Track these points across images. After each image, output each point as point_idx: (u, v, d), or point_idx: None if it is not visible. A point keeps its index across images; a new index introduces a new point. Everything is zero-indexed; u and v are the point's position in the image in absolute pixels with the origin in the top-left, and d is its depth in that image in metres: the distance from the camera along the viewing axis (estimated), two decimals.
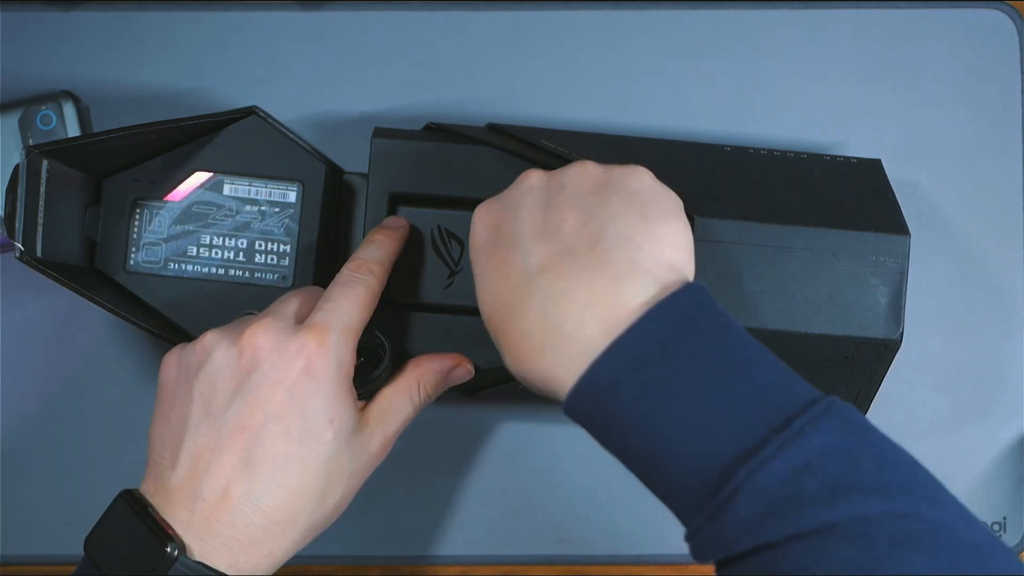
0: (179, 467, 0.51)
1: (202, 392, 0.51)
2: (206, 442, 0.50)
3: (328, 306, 0.53)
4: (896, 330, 0.59)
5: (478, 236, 0.53)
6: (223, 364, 0.51)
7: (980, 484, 0.69)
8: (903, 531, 0.41)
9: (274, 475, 0.50)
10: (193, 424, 0.51)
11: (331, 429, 0.51)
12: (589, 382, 0.46)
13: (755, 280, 0.58)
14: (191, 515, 0.50)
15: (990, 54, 0.70)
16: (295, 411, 0.51)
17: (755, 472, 0.42)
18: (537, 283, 0.48)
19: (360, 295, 0.54)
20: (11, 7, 0.68)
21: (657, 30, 0.70)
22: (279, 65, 0.69)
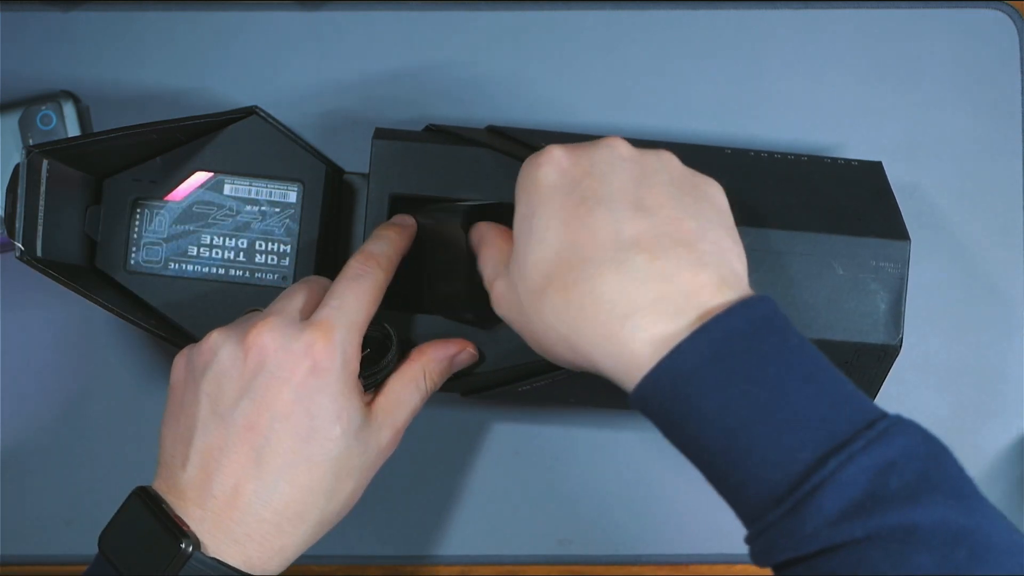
0: (190, 466, 0.51)
1: (209, 392, 0.51)
2: (215, 441, 0.51)
3: (334, 302, 0.53)
4: (896, 335, 0.59)
5: (548, 176, 0.49)
6: (229, 364, 0.51)
7: (980, 484, 0.68)
8: (983, 544, 0.41)
9: (283, 473, 0.51)
10: (202, 424, 0.51)
11: (338, 426, 0.51)
12: (669, 368, 0.44)
13: (754, 285, 0.58)
14: (203, 512, 0.50)
15: (990, 54, 0.70)
16: (302, 410, 0.51)
17: (844, 465, 0.42)
18: (631, 254, 0.46)
19: (366, 290, 0.54)
20: (11, 7, 0.68)
21: (657, 30, 0.69)
22: (279, 65, 0.69)
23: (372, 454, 0.54)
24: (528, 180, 0.50)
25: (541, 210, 0.49)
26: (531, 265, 0.48)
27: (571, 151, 0.50)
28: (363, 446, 0.53)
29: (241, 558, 0.50)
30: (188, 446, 0.51)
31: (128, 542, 0.51)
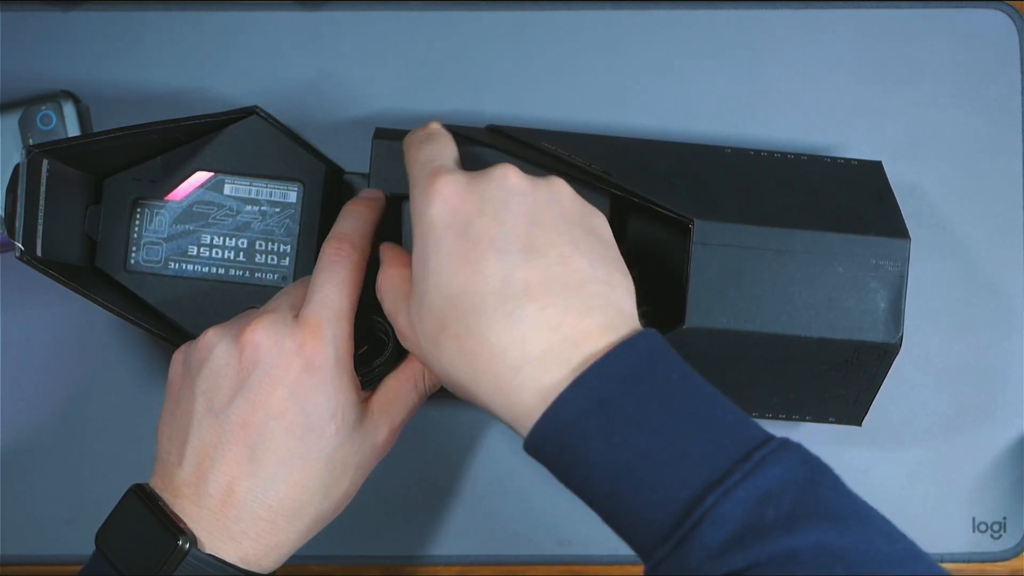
0: (185, 463, 0.51)
1: (204, 390, 0.52)
2: (210, 439, 0.51)
3: (317, 296, 0.53)
4: (896, 334, 0.59)
5: (439, 216, 0.49)
6: (224, 362, 0.51)
7: (980, 484, 0.69)
8: (859, 560, 0.42)
9: (278, 471, 0.51)
10: (196, 421, 0.51)
11: (333, 423, 0.51)
12: (552, 419, 0.45)
13: (755, 284, 0.58)
14: (199, 510, 0.51)
15: (990, 54, 0.70)
16: (296, 408, 0.51)
17: (720, 500, 0.43)
18: (521, 304, 0.46)
19: (345, 277, 0.54)
20: (11, 7, 0.68)
21: (657, 30, 0.69)
22: (279, 65, 0.69)
23: (367, 451, 0.53)
24: (421, 218, 0.49)
25: (434, 253, 0.48)
26: (426, 310, 0.49)
27: (461, 185, 0.49)
28: (358, 443, 0.53)
29: (237, 555, 0.50)
30: (184, 444, 0.51)
31: (125, 539, 0.51)
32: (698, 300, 0.58)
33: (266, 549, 0.51)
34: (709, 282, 0.58)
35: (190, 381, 0.52)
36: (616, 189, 0.59)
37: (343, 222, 0.56)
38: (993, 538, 0.69)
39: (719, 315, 0.58)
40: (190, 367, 0.53)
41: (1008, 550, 0.69)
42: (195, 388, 0.52)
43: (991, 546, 0.69)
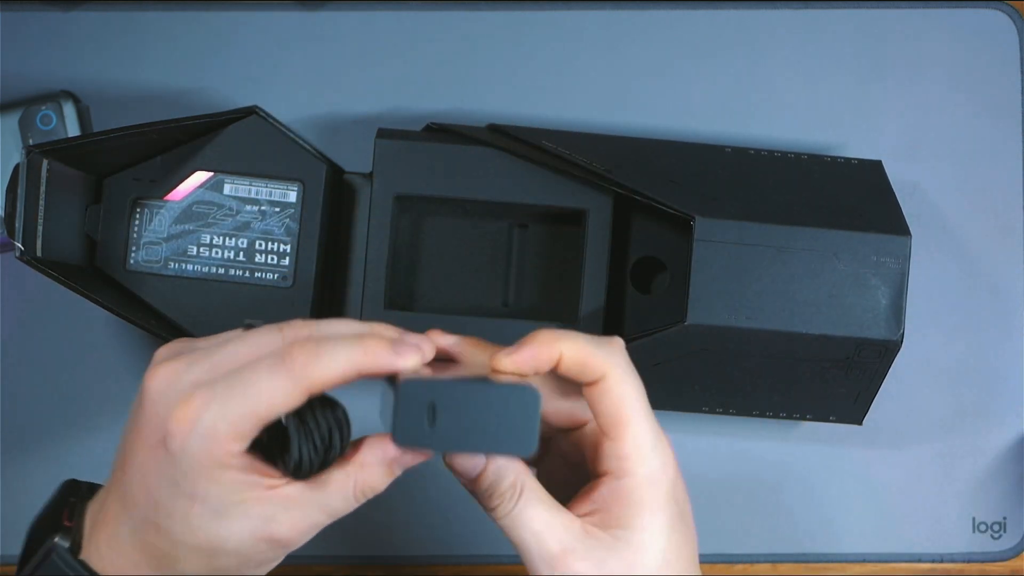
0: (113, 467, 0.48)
1: (134, 404, 0.47)
2: (117, 459, 0.47)
3: (228, 380, 0.44)
4: (897, 331, 0.59)
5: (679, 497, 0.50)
6: (142, 385, 0.47)
7: (980, 484, 0.69)
8: None
9: (137, 527, 0.46)
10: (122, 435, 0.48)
11: (192, 507, 0.44)
12: None
13: (756, 280, 0.58)
14: (91, 521, 0.48)
15: (990, 54, 0.70)
16: (155, 479, 0.45)
17: None
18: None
19: (277, 395, 0.44)
20: (11, 7, 0.68)
21: (657, 30, 0.70)
22: (279, 65, 0.69)
23: (242, 543, 0.45)
24: (673, 489, 0.48)
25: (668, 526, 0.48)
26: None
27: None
28: (227, 531, 0.45)
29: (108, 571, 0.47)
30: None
31: (36, 525, 0.50)
32: (699, 297, 0.58)
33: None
34: (710, 279, 0.58)
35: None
36: (618, 187, 0.60)
37: (328, 359, 0.44)
38: (993, 538, 0.69)
39: (720, 312, 0.58)
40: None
41: (1008, 550, 0.69)
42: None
43: (991, 546, 0.69)
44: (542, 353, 0.47)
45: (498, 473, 0.47)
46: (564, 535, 0.47)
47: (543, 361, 0.47)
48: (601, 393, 0.47)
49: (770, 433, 0.69)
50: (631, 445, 0.47)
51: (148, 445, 0.45)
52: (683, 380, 0.61)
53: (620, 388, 0.47)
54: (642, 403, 0.48)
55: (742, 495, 0.69)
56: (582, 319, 0.62)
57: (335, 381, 0.44)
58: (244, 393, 0.43)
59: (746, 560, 0.69)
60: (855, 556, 0.69)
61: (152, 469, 0.45)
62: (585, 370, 0.47)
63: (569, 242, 0.65)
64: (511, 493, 0.47)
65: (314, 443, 0.45)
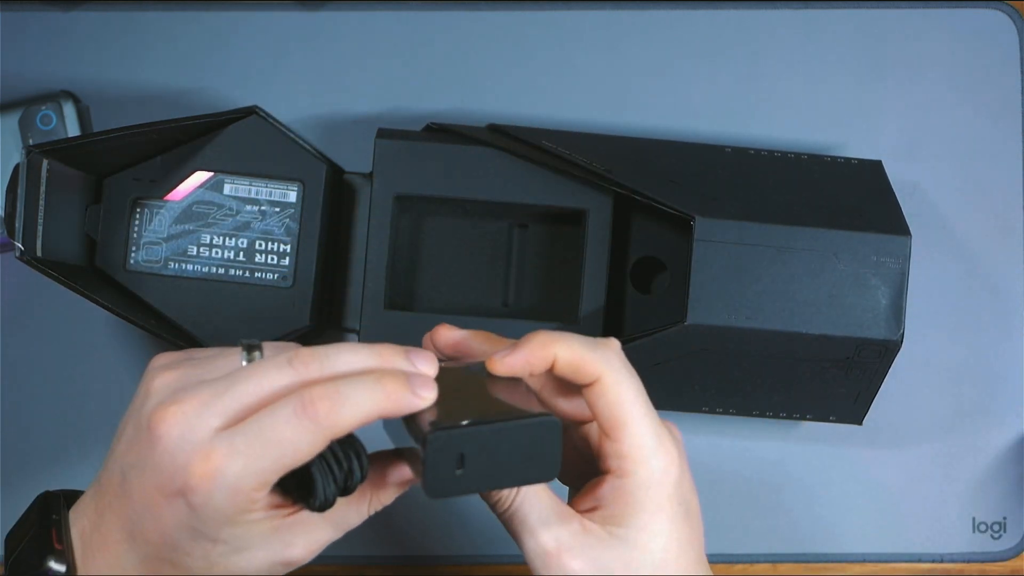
0: (100, 482, 0.47)
1: (125, 430, 0.46)
2: (110, 486, 0.46)
3: (254, 433, 0.43)
4: (897, 331, 0.59)
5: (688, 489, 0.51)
6: (131, 418, 0.46)
7: (980, 484, 0.69)
8: None
9: (147, 564, 0.45)
10: (112, 455, 0.47)
11: (214, 548, 0.44)
12: None
13: (756, 280, 0.58)
14: (83, 542, 0.47)
15: (990, 54, 0.70)
16: (171, 523, 0.44)
17: None
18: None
19: (302, 445, 0.43)
20: (11, 7, 0.68)
21: (657, 30, 0.70)
22: (279, 65, 0.69)
23: (260, 569, 0.46)
24: (678, 486, 0.49)
25: (679, 526, 0.49)
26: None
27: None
28: (246, 563, 0.45)
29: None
30: (103, 468, 0.47)
31: (20, 537, 0.49)
32: (699, 297, 0.58)
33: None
34: (710, 279, 0.58)
35: (132, 404, 0.47)
36: (618, 187, 0.60)
37: (351, 406, 0.43)
38: (993, 538, 0.69)
39: (720, 312, 0.58)
40: (138, 391, 0.47)
41: (1008, 550, 0.69)
42: (125, 418, 0.47)
43: (991, 546, 0.69)
44: (536, 356, 0.47)
45: None
46: (561, 533, 0.47)
47: (537, 364, 0.47)
48: (598, 395, 0.47)
49: (770, 433, 0.69)
50: (630, 446, 0.47)
51: (165, 494, 0.43)
52: (683, 380, 0.61)
53: (616, 389, 0.47)
54: (641, 403, 0.48)
55: (742, 495, 0.69)
56: (582, 319, 0.62)
57: (357, 426, 0.44)
58: (267, 445, 0.42)
59: (746, 560, 0.69)
60: (855, 556, 0.69)
61: (170, 519, 0.44)
62: (580, 372, 0.47)
63: (569, 242, 0.65)
64: (509, 491, 0.47)
65: (335, 479, 0.45)
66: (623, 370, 0.48)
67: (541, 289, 0.66)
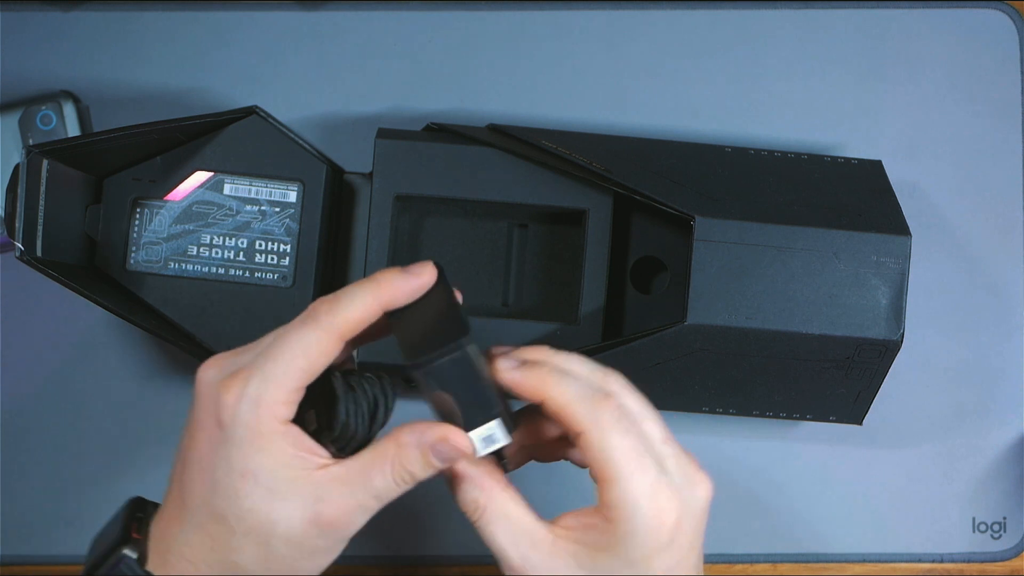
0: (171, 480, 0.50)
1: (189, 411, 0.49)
2: (174, 470, 0.49)
3: (266, 351, 0.47)
4: (897, 331, 0.59)
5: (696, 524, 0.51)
6: (194, 389, 0.49)
7: (980, 484, 0.69)
8: None
9: (195, 520, 0.47)
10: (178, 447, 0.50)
11: (244, 483, 0.46)
12: None
13: (756, 280, 0.58)
14: (156, 536, 0.49)
15: (990, 54, 0.70)
16: (210, 460, 0.47)
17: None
18: None
19: (310, 344, 0.47)
20: (11, 7, 0.68)
21: (657, 30, 0.70)
22: (279, 65, 0.69)
23: (292, 527, 0.47)
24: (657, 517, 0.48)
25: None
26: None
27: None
28: (278, 513, 0.47)
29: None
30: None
31: (100, 536, 0.51)
32: (699, 297, 0.58)
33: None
34: (710, 279, 0.58)
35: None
36: (618, 187, 0.60)
37: (347, 301, 0.48)
38: (993, 538, 0.69)
39: (720, 312, 0.58)
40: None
41: (1008, 550, 0.69)
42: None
43: (991, 546, 0.69)
44: (530, 390, 0.48)
45: (464, 488, 0.49)
46: (527, 549, 0.48)
47: (528, 394, 0.48)
48: (585, 447, 0.47)
49: (770, 433, 0.69)
50: (616, 499, 0.47)
51: (204, 428, 0.47)
52: (683, 380, 0.61)
53: (600, 447, 0.47)
54: (633, 457, 0.47)
55: (742, 495, 0.69)
56: (582, 319, 0.62)
57: (361, 318, 0.47)
58: (281, 355, 0.46)
59: (746, 560, 0.69)
60: (855, 556, 0.69)
61: (208, 450, 0.47)
62: (566, 423, 0.48)
63: (569, 242, 0.65)
64: (474, 507, 0.48)
65: (359, 407, 0.47)
66: (614, 424, 0.47)
67: (541, 289, 0.66)
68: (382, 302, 0.47)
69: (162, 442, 0.67)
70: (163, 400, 0.67)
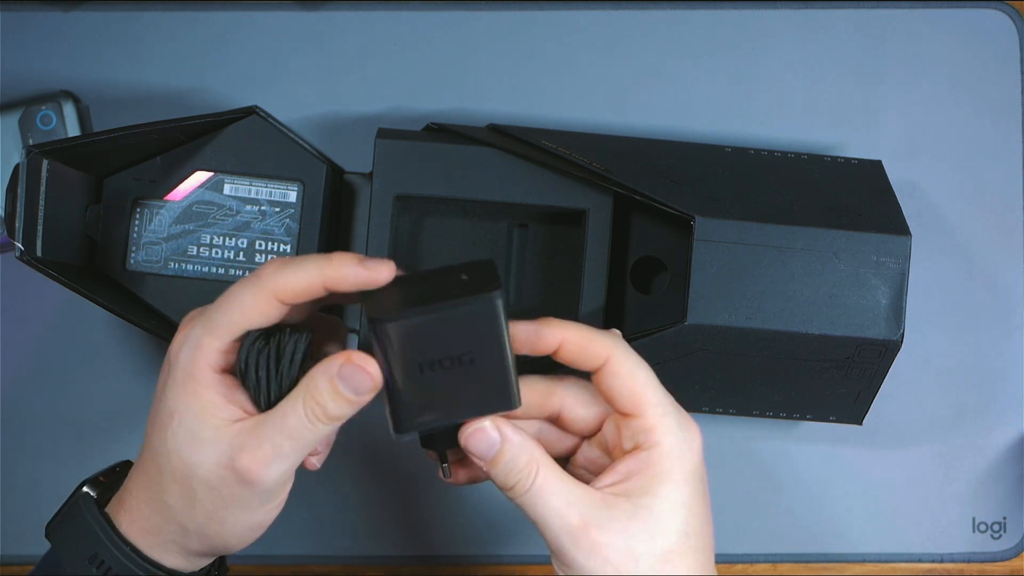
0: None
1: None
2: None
3: (216, 301, 0.49)
4: (897, 331, 0.59)
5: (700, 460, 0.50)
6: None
7: (980, 484, 0.69)
8: None
9: (141, 458, 0.50)
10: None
11: (170, 424, 0.48)
12: None
13: (756, 280, 0.58)
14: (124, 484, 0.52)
15: (990, 54, 0.70)
16: (157, 397, 0.50)
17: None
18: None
19: (247, 300, 0.48)
20: (11, 7, 0.68)
21: (657, 30, 0.70)
22: (279, 65, 0.69)
23: (210, 472, 0.48)
24: (687, 457, 0.49)
25: (694, 498, 0.49)
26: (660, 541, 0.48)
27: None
28: (197, 457, 0.48)
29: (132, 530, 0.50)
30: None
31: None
32: (699, 297, 0.58)
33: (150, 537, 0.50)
34: (710, 279, 0.58)
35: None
36: (618, 187, 0.60)
37: (292, 268, 0.48)
38: (993, 538, 0.69)
39: (720, 312, 0.58)
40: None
41: (1008, 550, 0.69)
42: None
43: (991, 546, 0.69)
44: (544, 333, 0.48)
45: (513, 453, 0.48)
46: (584, 508, 0.47)
47: (545, 342, 0.48)
48: (611, 376, 0.48)
49: (770, 433, 0.69)
50: (654, 416, 0.48)
51: (161, 374, 0.49)
52: (683, 380, 0.61)
53: (628, 366, 0.48)
54: (654, 380, 0.49)
55: (742, 495, 0.69)
56: (582, 319, 0.62)
57: (299, 288, 0.47)
58: (223, 306, 0.48)
59: (746, 560, 0.69)
60: (855, 556, 0.69)
61: (158, 388, 0.49)
62: (587, 353, 0.48)
63: (569, 242, 0.65)
64: (528, 471, 0.48)
65: (261, 356, 0.48)
66: (631, 351, 0.49)
67: (541, 289, 0.66)
68: (325, 279, 0.47)
69: None
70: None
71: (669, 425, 0.48)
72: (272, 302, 0.48)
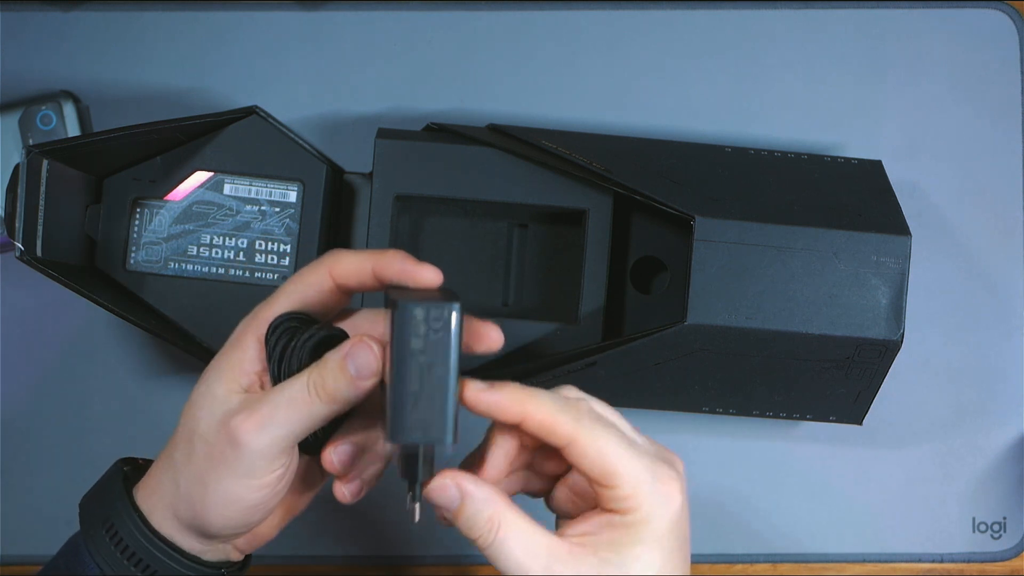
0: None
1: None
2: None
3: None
4: (897, 331, 0.59)
5: (683, 515, 0.49)
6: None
7: (980, 484, 0.69)
8: None
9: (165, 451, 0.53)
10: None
11: (204, 380, 0.51)
12: None
13: (756, 280, 0.58)
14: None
15: (990, 54, 0.70)
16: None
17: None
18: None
19: (304, 274, 0.50)
20: (11, 7, 0.68)
21: (657, 30, 0.70)
22: (279, 65, 0.69)
23: (208, 428, 0.49)
24: (666, 508, 0.48)
25: (675, 550, 0.49)
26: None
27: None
28: (201, 412, 0.50)
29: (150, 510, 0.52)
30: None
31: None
32: (699, 297, 0.58)
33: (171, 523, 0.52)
34: (710, 279, 0.58)
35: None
36: (618, 187, 0.60)
37: (350, 254, 0.50)
38: (993, 538, 0.69)
39: (720, 312, 0.58)
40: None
41: (1008, 550, 0.69)
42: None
43: (991, 546, 0.69)
44: (507, 407, 0.48)
45: (475, 508, 0.47)
46: (548, 560, 0.47)
47: (508, 414, 0.48)
48: (579, 456, 0.47)
49: (770, 433, 0.69)
50: (628, 487, 0.47)
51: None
52: (683, 380, 0.61)
53: (596, 444, 0.47)
54: (625, 447, 0.47)
55: (742, 495, 0.69)
56: (582, 319, 0.62)
57: (352, 269, 0.49)
58: (281, 287, 0.50)
59: (746, 560, 0.69)
60: (855, 556, 0.69)
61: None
62: (550, 437, 0.47)
63: (569, 242, 0.65)
64: (489, 527, 0.47)
65: (277, 345, 0.49)
66: (597, 425, 0.48)
67: (541, 289, 0.66)
68: (375, 264, 0.49)
69: (162, 442, 0.67)
70: (163, 400, 0.67)
71: (644, 492, 0.47)
72: (325, 276, 0.50)
